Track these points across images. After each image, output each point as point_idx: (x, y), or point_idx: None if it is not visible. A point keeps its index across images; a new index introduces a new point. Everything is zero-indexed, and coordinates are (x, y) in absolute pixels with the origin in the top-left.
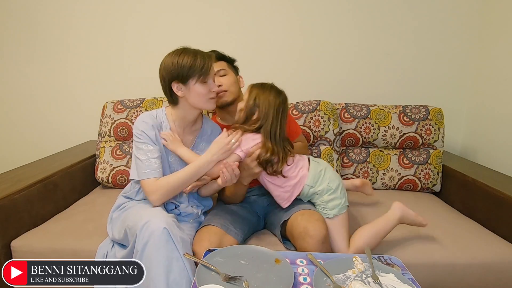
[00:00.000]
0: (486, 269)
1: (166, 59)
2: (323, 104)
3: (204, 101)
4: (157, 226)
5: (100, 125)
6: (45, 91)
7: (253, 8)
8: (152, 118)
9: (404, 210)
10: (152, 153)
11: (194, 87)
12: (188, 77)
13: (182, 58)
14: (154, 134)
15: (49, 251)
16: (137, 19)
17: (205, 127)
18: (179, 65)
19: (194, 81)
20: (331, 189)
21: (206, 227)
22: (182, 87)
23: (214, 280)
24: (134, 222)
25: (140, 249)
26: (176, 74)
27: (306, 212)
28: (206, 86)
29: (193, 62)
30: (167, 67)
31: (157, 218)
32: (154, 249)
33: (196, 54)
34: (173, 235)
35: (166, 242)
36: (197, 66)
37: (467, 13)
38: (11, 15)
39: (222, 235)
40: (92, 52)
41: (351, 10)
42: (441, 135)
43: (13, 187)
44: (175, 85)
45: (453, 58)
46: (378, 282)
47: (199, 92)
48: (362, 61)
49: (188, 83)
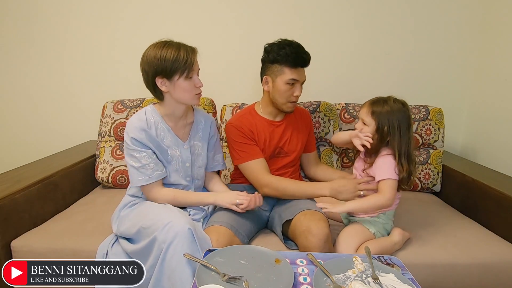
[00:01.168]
0: (486, 269)
1: (148, 51)
2: (323, 105)
3: (190, 97)
4: (181, 227)
5: (100, 125)
6: (45, 91)
7: (253, 9)
8: (140, 120)
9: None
10: (145, 159)
11: (178, 83)
12: (173, 72)
13: (166, 52)
14: (144, 137)
15: (49, 251)
16: (138, 18)
17: (198, 118)
18: (162, 58)
19: (178, 76)
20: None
21: (215, 227)
22: (167, 82)
23: (214, 280)
24: (153, 222)
25: (164, 249)
26: (160, 69)
27: (309, 212)
28: (191, 81)
29: (177, 55)
30: (150, 60)
31: (181, 219)
32: (180, 249)
33: (180, 48)
34: (196, 236)
35: (191, 242)
36: (181, 61)
37: (467, 13)
38: (11, 15)
39: (231, 237)
40: (92, 52)
41: (351, 10)
42: (441, 135)
43: (13, 187)
44: (159, 80)
45: (453, 58)
46: (378, 282)
47: (184, 88)
48: (362, 61)
49: (173, 79)
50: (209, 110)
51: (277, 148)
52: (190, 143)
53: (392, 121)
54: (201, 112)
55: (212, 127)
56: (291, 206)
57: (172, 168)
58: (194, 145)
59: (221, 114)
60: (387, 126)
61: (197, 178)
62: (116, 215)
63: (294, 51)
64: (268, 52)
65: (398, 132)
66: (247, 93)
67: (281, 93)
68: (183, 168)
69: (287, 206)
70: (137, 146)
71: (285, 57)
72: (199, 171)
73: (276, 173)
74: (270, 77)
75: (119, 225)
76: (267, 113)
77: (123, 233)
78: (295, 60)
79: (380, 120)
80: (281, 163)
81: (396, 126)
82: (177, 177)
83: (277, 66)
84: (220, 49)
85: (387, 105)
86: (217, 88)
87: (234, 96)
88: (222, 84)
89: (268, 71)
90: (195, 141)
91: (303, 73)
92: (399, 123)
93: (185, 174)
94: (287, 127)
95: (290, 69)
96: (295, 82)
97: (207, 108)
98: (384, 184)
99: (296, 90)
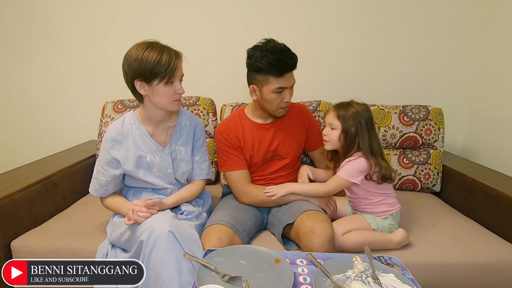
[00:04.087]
0: (486, 269)
1: (130, 51)
2: (323, 105)
3: (167, 103)
4: (162, 230)
5: (100, 125)
6: (45, 91)
7: (253, 9)
8: (116, 128)
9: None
10: (101, 175)
11: (157, 88)
12: (152, 76)
13: (148, 54)
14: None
15: (49, 251)
16: (138, 18)
17: (181, 121)
18: (143, 61)
19: (158, 81)
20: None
21: (217, 225)
22: (146, 86)
23: (214, 280)
24: (138, 228)
25: (147, 254)
26: (139, 72)
27: (312, 212)
28: (171, 87)
29: (159, 60)
30: (130, 62)
31: (161, 222)
32: (162, 253)
33: (163, 51)
34: (179, 237)
35: (173, 244)
36: (162, 66)
37: (467, 13)
38: (11, 15)
39: (232, 235)
40: (93, 52)
41: (351, 10)
42: (441, 135)
43: (13, 187)
44: (138, 83)
45: (453, 58)
46: (378, 282)
47: (162, 94)
48: (362, 61)
49: (152, 83)
50: (209, 110)
51: (269, 152)
52: (171, 148)
53: (360, 121)
54: (187, 115)
55: (197, 130)
56: (291, 209)
57: (154, 174)
58: (176, 150)
59: (221, 113)
60: (354, 127)
61: (183, 183)
62: (111, 220)
63: (277, 58)
64: (250, 58)
65: (366, 131)
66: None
67: (270, 101)
68: (165, 174)
69: (287, 208)
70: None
71: (268, 66)
72: (184, 176)
73: (272, 176)
74: (257, 86)
75: (112, 233)
76: (257, 117)
77: (115, 241)
78: (279, 69)
79: (347, 122)
80: (277, 166)
81: (364, 125)
82: (161, 182)
83: (262, 76)
84: (220, 49)
85: (352, 107)
86: (217, 88)
87: (234, 96)
88: (222, 84)
89: (253, 80)
90: (177, 146)
91: (290, 77)
92: (366, 122)
93: (168, 179)
94: (278, 129)
95: (275, 78)
96: (283, 89)
97: (207, 108)
98: (335, 178)
99: (286, 96)
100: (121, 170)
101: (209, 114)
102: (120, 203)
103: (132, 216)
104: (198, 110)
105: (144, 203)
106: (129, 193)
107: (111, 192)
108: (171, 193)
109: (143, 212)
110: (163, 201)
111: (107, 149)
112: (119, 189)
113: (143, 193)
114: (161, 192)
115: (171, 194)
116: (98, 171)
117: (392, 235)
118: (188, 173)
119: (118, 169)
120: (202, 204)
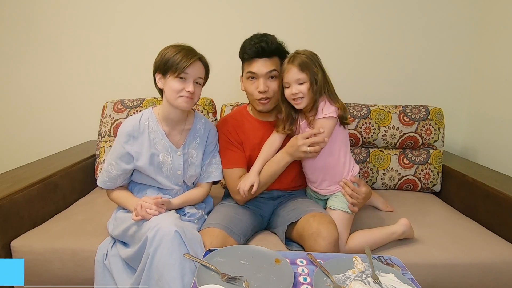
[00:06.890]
0: (486, 269)
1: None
2: None
3: (174, 98)
4: (168, 230)
5: (100, 125)
6: (45, 91)
7: (254, 9)
8: (133, 124)
9: (409, 229)
10: (112, 168)
11: (168, 80)
12: (166, 70)
13: (169, 50)
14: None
15: (49, 251)
16: (138, 18)
17: (197, 125)
18: (163, 56)
19: (170, 75)
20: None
21: (208, 229)
22: (162, 79)
23: (214, 280)
24: (143, 224)
25: (152, 253)
26: (158, 65)
27: (318, 214)
28: (181, 83)
29: (175, 55)
30: (156, 57)
31: (167, 222)
32: (166, 253)
33: (181, 50)
34: (185, 238)
35: (178, 245)
36: (176, 60)
37: (467, 13)
38: (11, 15)
39: (224, 237)
40: (93, 52)
41: (351, 10)
42: (441, 135)
43: (13, 187)
44: (158, 75)
45: (453, 58)
46: (378, 282)
47: (172, 87)
48: (362, 61)
49: (166, 76)
50: (209, 110)
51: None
52: (184, 150)
53: (318, 64)
54: (203, 120)
55: (210, 136)
56: (296, 209)
57: (163, 174)
58: (189, 152)
59: (221, 113)
60: (320, 71)
61: (190, 186)
62: (113, 216)
63: (250, 42)
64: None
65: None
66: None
67: (248, 92)
68: (174, 175)
69: (291, 208)
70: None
71: (242, 50)
72: (191, 179)
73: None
74: (242, 77)
75: (114, 228)
76: (256, 114)
77: (118, 236)
78: (249, 52)
79: (311, 70)
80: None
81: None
82: (168, 182)
83: (243, 64)
84: (220, 49)
85: (304, 56)
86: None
87: (234, 96)
88: (222, 84)
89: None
90: (190, 149)
91: (264, 64)
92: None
93: (176, 180)
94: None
95: (247, 62)
96: (254, 75)
97: (207, 108)
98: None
99: (259, 85)
100: (132, 165)
101: (209, 114)
102: (127, 197)
103: (141, 212)
104: (198, 110)
105: (154, 201)
106: (135, 189)
107: (119, 185)
108: (177, 194)
109: (152, 210)
110: (171, 201)
111: (121, 143)
112: (127, 183)
113: (148, 191)
114: (167, 192)
115: (176, 195)
116: (109, 164)
117: (394, 226)
118: (196, 177)
119: (130, 164)
120: (205, 207)
